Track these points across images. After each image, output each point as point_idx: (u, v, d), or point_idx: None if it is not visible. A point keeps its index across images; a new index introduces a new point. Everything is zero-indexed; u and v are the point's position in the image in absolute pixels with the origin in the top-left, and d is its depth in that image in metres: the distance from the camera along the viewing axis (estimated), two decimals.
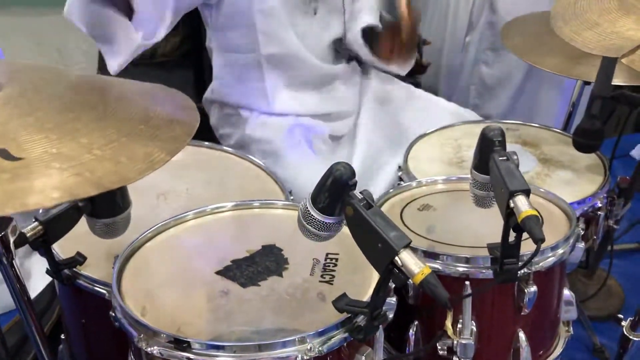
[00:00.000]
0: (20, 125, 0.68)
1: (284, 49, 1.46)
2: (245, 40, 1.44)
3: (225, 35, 1.47)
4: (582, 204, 1.22)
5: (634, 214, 1.90)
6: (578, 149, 1.27)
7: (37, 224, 0.90)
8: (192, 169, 1.27)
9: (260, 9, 1.39)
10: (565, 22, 0.96)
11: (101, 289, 0.96)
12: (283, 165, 1.45)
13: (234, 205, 1.06)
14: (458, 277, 0.95)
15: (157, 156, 0.69)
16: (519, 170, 0.86)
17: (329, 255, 0.94)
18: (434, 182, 1.20)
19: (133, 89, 0.88)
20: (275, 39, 1.44)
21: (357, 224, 0.76)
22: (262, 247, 0.96)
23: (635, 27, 0.89)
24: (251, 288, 0.88)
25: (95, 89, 0.85)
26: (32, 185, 0.61)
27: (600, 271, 1.67)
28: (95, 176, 0.64)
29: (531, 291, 0.94)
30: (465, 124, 1.54)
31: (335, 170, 0.77)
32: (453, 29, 1.89)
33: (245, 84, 1.51)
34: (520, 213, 0.81)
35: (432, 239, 1.04)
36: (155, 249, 0.97)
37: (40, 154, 0.64)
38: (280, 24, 1.43)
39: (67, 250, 0.98)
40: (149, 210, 1.14)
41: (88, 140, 0.68)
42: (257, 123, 1.52)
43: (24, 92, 0.75)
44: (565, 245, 0.99)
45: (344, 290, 0.82)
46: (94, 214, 0.90)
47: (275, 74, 1.49)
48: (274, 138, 1.49)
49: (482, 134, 0.90)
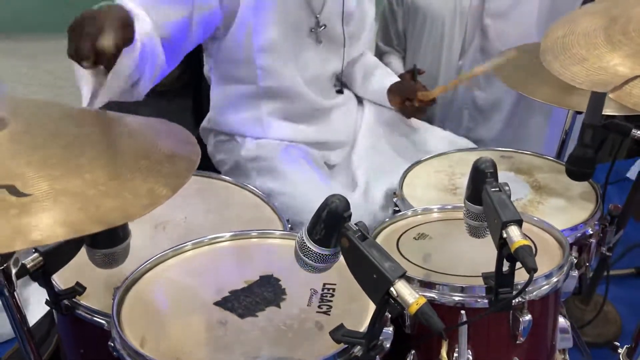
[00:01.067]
0: (26, 162, 0.70)
1: (282, 82, 1.48)
2: (244, 73, 1.46)
3: (225, 67, 1.50)
4: (575, 231, 1.24)
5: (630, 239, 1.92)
6: (570, 177, 1.29)
7: (37, 255, 0.91)
8: (190, 198, 1.29)
9: (260, 44, 1.41)
10: (555, 56, 0.99)
11: (100, 319, 0.97)
12: (280, 180, 1.45)
13: (232, 235, 1.07)
14: (454, 306, 0.96)
15: (159, 192, 0.71)
16: (511, 201, 0.88)
17: (326, 285, 0.96)
18: (429, 210, 1.22)
19: (135, 123, 0.90)
20: (274, 73, 1.46)
21: (353, 256, 0.78)
22: (260, 277, 0.98)
23: (621, 62, 0.91)
24: (249, 319, 0.89)
25: (98, 124, 0.88)
26: (38, 221, 0.62)
27: (597, 297, 1.68)
28: (99, 212, 0.65)
29: (526, 320, 0.95)
30: (459, 152, 1.57)
31: (330, 202, 0.79)
32: (447, 55, 1.93)
33: (241, 113, 1.53)
34: (513, 243, 0.82)
35: (429, 267, 1.05)
36: (154, 280, 0.98)
37: (46, 190, 0.66)
38: (280, 58, 1.45)
39: (66, 280, 0.99)
40: (148, 240, 1.16)
41: (92, 176, 0.70)
42: (252, 145, 1.53)
43: (29, 129, 0.77)
44: (559, 273, 1.00)
45: (342, 321, 0.83)
46: (94, 245, 0.91)
47: (272, 105, 1.51)
48: (270, 156, 1.50)
49: (474, 166, 0.93)
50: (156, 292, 0.95)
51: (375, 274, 0.75)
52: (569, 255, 1.03)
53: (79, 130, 0.80)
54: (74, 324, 1.02)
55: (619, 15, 1.02)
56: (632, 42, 0.95)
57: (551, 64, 0.99)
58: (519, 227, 0.84)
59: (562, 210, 1.31)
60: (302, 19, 1.46)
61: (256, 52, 1.41)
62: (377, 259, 0.75)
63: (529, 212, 1.28)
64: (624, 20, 1.00)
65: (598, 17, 1.04)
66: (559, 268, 1.00)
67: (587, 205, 1.31)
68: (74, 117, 0.85)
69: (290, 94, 1.50)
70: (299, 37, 1.47)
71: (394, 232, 1.17)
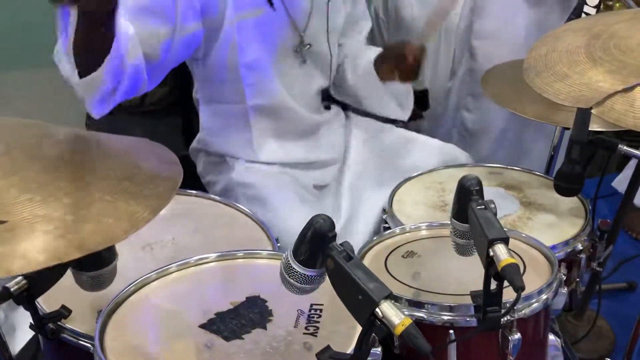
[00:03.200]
0: (4, 186, 0.69)
1: (270, 99, 1.48)
2: (232, 92, 1.46)
3: (212, 87, 1.50)
4: (565, 246, 1.24)
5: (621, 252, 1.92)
6: (559, 193, 1.29)
7: (22, 278, 0.90)
8: (178, 218, 1.28)
9: (245, 62, 1.41)
10: (537, 73, 1.00)
11: (86, 343, 0.95)
12: (269, 210, 1.45)
13: (218, 256, 1.06)
14: (442, 325, 0.95)
15: (140, 215, 0.70)
16: (497, 219, 0.88)
17: (314, 305, 0.95)
18: (417, 228, 1.22)
19: (118, 144, 0.90)
20: (261, 91, 1.46)
21: (338, 276, 0.77)
22: (247, 298, 0.97)
23: (603, 78, 0.92)
24: (235, 342, 0.88)
25: (80, 145, 0.87)
26: (17, 249, 0.62)
27: (590, 312, 1.67)
28: (79, 238, 0.65)
29: (515, 338, 0.94)
30: (449, 168, 1.57)
31: (315, 222, 0.78)
32: (436, 77, 1.94)
33: (231, 133, 1.52)
34: (500, 262, 0.82)
35: (417, 286, 1.05)
36: (138, 303, 0.96)
37: (24, 216, 0.65)
38: (266, 76, 1.45)
39: (51, 302, 0.98)
40: (135, 261, 1.14)
41: (72, 200, 0.69)
42: (242, 169, 1.53)
43: (9, 151, 0.76)
44: (548, 290, 1.00)
45: (329, 342, 0.82)
46: (80, 267, 0.90)
47: (262, 123, 1.51)
48: (259, 184, 1.49)
49: (459, 184, 0.93)
50: (141, 316, 0.94)
51: (360, 294, 0.74)
52: (557, 272, 1.03)
53: (61, 152, 0.80)
54: (60, 348, 1.00)
55: (600, 32, 1.04)
56: (613, 58, 0.96)
57: (534, 81, 0.99)
58: (506, 245, 0.84)
59: (552, 226, 1.31)
60: (287, 38, 1.46)
61: (243, 70, 1.41)
62: (362, 279, 0.75)
63: (518, 228, 1.28)
64: (605, 37, 1.01)
65: (580, 34, 1.05)
66: (548, 285, 1.00)
67: (576, 221, 1.31)
68: (57, 138, 0.85)
69: (279, 110, 1.50)
70: (284, 56, 1.47)
71: (382, 250, 1.16)
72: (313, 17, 1.48)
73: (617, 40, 0.98)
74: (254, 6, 1.39)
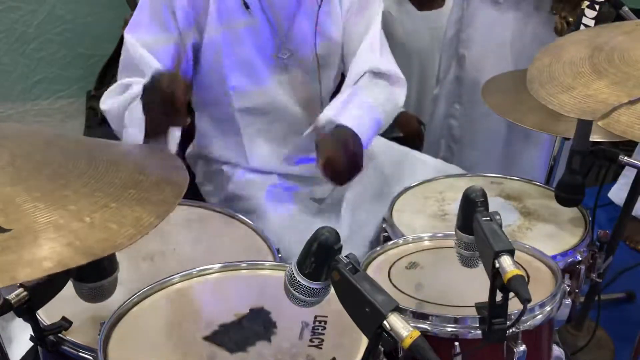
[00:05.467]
0: (9, 195, 0.68)
1: (256, 102, 1.48)
2: (219, 95, 1.47)
3: (202, 90, 1.50)
4: (564, 257, 1.23)
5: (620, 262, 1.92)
6: (560, 203, 1.29)
7: (22, 289, 0.89)
8: (179, 229, 1.27)
9: (228, 64, 1.42)
10: (542, 84, 1.00)
11: (87, 355, 0.94)
12: (267, 223, 1.45)
13: (221, 267, 1.06)
14: (447, 337, 0.95)
15: (146, 220, 0.70)
16: (502, 230, 0.88)
17: (318, 317, 0.94)
18: (420, 239, 1.22)
19: (123, 151, 0.89)
20: (246, 94, 1.46)
21: (344, 289, 0.77)
22: (250, 310, 0.96)
23: (608, 90, 0.92)
24: (239, 354, 0.87)
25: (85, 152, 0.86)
26: (22, 257, 0.61)
27: (589, 322, 1.67)
28: (85, 245, 0.64)
29: (520, 350, 0.93)
30: (448, 178, 1.57)
31: (320, 235, 0.78)
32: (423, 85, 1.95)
33: (223, 137, 1.53)
34: (506, 273, 0.81)
35: (421, 298, 1.04)
36: (141, 315, 0.95)
37: (29, 224, 0.64)
38: (252, 80, 1.45)
39: (52, 314, 0.97)
40: (136, 272, 1.13)
41: (77, 207, 0.68)
42: (240, 181, 1.52)
43: (13, 160, 0.75)
44: (552, 302, 1.00)
45: (334, 354, 0.82)
46: (81, 278, 0.89)
47: (251, 127, 1.51)
48: (256, 196, 1.49)
49: (464, 195, 0.92)
50: (144, 327, 0.93)
51: (367, 307, 0.74)
52: (561, 283, 1.03)
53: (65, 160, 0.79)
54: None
55: (603, 44, 1.04)
56: (617, 70, 0.96)
57: (538, 92, 0.99)
58: (512, 257, 0.83)
59: (551, 236, 1.31)
60: (267, 43, 1.45)
61: (227, 71, 1.43)
62: (369, 292, 0.74)
63: (517, 238, 1.28)
64: (608, 49, 1.02)
65: (582, 46, 1.05)
66: (552, 296, 1.00)
67: (576, 231, 1.31)
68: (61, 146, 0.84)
69: (267, 109, 1.50)
70: (266, 61, 1.47)
71: (385, 261, 1.16)
72: (298, 22, 1.46)
73: (621, 52, 0.98)
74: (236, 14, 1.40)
